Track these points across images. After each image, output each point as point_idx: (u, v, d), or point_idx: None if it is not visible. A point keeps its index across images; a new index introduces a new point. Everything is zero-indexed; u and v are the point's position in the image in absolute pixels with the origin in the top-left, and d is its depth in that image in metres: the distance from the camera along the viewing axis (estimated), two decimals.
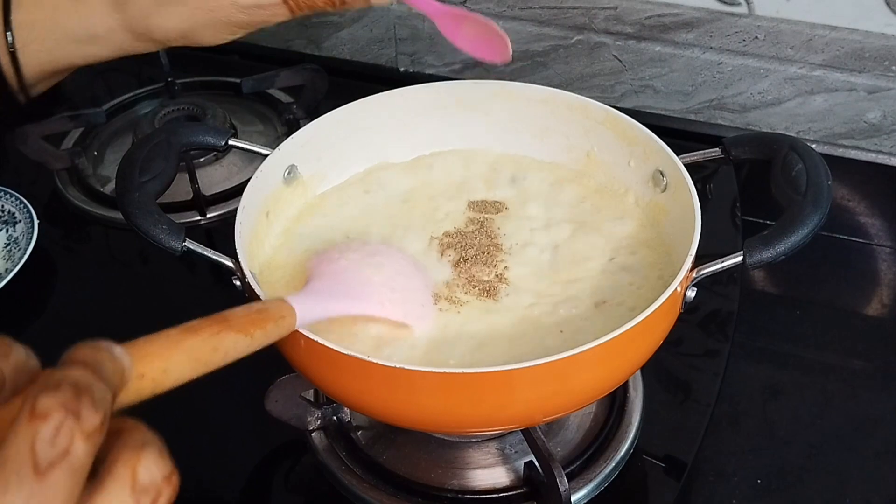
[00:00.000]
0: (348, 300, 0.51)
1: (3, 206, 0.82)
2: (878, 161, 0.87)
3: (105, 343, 0.29)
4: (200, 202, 0.83)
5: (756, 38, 0.85)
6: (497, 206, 0.64)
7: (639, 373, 0.65)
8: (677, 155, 0.59)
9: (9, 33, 0.67)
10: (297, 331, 0.47)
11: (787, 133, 0.88)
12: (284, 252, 0.61)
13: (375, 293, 0.52)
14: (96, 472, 0.27)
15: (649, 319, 0.48)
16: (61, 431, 0.25)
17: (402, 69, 1.03)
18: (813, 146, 0.59)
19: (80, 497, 0.26)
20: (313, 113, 0.85)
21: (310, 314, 0.47)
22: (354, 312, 0.52)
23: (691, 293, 0.53)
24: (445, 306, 0.56)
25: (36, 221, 0.79)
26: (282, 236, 0.62)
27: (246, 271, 0.52)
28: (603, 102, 0.64)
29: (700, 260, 0.53)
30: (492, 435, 0.61)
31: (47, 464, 0.25)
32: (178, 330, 0.35)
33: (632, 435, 0.62)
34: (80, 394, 0.26)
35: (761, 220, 0.79)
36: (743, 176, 0.84)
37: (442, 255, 0.60)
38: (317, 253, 0.56)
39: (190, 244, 0.55)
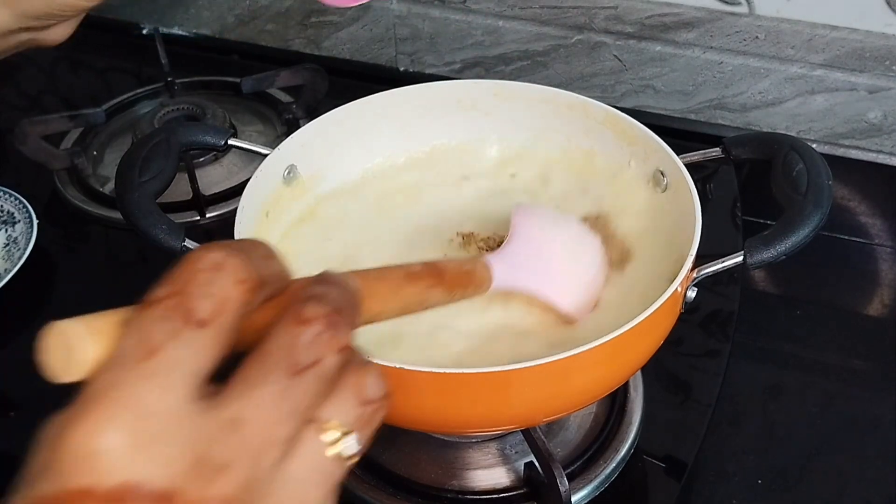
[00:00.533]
0: (539, 281, 0.51)
1: (2, 206, 0.81)
2: (879, 161, 0.87)
3: (348, 276, 0.30)
4: (200, 202, 0.83)
5: (757, 37, 0.85)
6: (498, 205, 0.64)
7: (639, 373, 0.65)
8: (678, 155, 0.59)
9: None
10: None
11: (788, 133, 0.88)
12: (284, 251, 0.61)
13: (567, 284, 0.53)
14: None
15: (649, 319, 0.48)
16: (320, 340, 0.26)
17: (401, 69, 1.02)
18: (813, 146, 0.59)
19: (320, 404, 0.27)
20: (313, 113, 0.85)
21: (502, 283, 0.48)
22: (538, 295, 0.52)
23: (692, 293, 0.53)
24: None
25: (35, 221, 0.79)
26: (281, 236, 0.62)
27: None
28: (603, 102, 0.64)
29: (700, 260, 0.52)
30: (492, 435, 0.61)
31: (303, 366, 0.26)
32: (400, 274, 0.36)
33: (632, 435, 0.62)
34: (340, 311, 0.27)
35: (762, 220, 0.79)
36: (743, 176, 0.84)
37: (444, 255, 0.60)
38: (521, 205, 0.56)
39: (189, 244, 0.55)
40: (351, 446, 0.28)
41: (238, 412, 0.25)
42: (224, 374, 0.26)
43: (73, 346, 0.24)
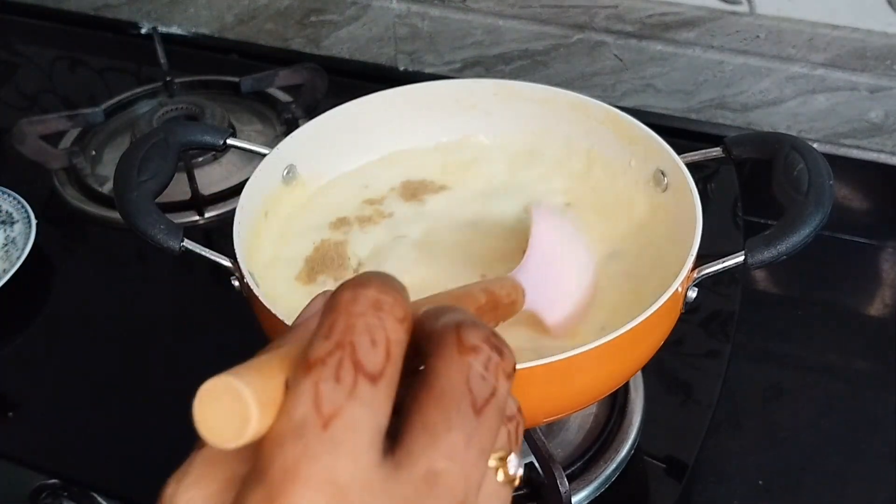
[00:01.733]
0: (545, 302, 0.49)
1: (0, 206, 0.81)
2: (880, 160, 0.87)
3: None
4: (199, 202, 0.83)
5: (757, 37, 0.85)
6: (497, 206, 0.63)
7: (640, 373, 0.65)
8: (678, 154, 0.59)
9: None
10: None
11: (789, 132, 0.87)
12: (283, 251, 0.60)
13: (561, 302, 0.51)
14: None
15: (650, 320, 0.47)
16: (489, 367, 0.24)
17: (401, 68, 1.02)
18: (814, 145, 0.58)
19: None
20: (312, 112, 0.85)
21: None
22: (538, 315, 0.50)
23: (692, 293, 0.53)
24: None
25: (34, 221, 0.79)
26: (279, 236, 0.62)
27: (244, 271, 0.52)
28: (604, 101, 0.64)
29: (701, 260, 0.52)
30: None
31: (482, 401, 0.23)
32: (475, 302, 0.33)
33: (633, 436, 0.62)
34: (493, 332, 0.25)
35: (763, 220, 0.79)
36: (744, 175, 0.84)
37: (445, 258, 0.59)
38: (540, 209, 0.54)
39: (188, 244, 0.55)
40: (514, 466, 0.26)
41: (431, 465, 0.22)
42: None
43: (238, 411, 0.22)
